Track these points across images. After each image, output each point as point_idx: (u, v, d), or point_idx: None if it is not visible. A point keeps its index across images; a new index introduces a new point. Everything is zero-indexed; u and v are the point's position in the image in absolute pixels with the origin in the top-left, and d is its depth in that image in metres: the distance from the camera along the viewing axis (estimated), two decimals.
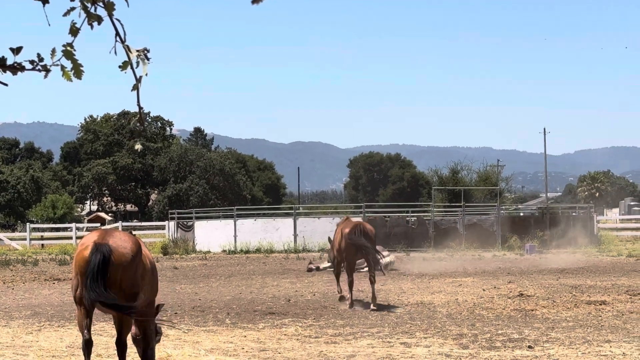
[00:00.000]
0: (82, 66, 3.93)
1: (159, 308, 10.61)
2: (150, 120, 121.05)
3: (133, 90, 3.92)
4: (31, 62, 3.89)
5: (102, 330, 14.77)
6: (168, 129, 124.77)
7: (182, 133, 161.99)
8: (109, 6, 3.83)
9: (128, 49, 3.88)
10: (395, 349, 12.74)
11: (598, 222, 51.28)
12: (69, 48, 3.88)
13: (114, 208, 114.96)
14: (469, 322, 15.70)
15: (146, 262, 9.78)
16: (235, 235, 46.04)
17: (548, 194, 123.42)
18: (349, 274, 19.11)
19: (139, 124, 4.11)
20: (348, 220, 19.92)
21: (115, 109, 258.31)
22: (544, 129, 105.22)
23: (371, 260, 19.01)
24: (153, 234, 56.26)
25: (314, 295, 21.57)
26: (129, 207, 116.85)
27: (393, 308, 18.30)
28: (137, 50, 3.89)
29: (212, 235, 46.98)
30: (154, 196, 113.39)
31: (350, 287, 18.89)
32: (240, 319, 16.84)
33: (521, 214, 58.17)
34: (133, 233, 10.17)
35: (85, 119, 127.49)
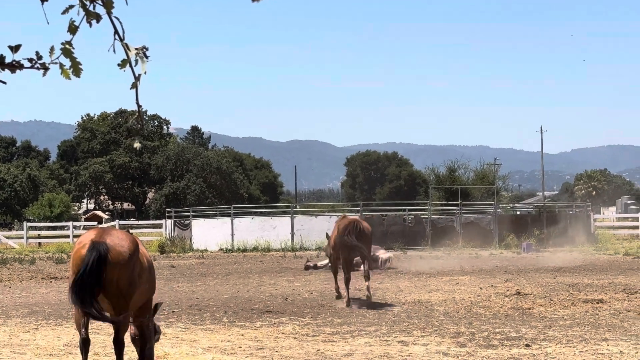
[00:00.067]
0: (81, 64, 3.92)
1: (157, 307, 10.59)
2: (147, 118, 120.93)
3: (132, 88, 3.91)
4: (30, 60, 3.88)
5: (100, 329, 14.75)
6: (165, 127, 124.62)
7: (179, 131, 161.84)
8: (108, 4, 3.82)
9: (127, 47, 3.87)
10: (393, 348, 12.75)
11: (595, 221, 51.34)
12: (67, 46, 3.87)
13: (111, 207, 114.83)
14: (467, 321, 15.70)
15: (143, 261, 9.77)
16: (232, 234, 46.03)
17: (545, 193, 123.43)
18: (345, 272, 19.16)
19: (137, 122, 4.10)
20: (345, 218, 20.06)
21: (112, 108, 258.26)
22: (541, 127, 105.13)
23: (366, 258, 19.43)
24: (150, 233, 56.20)
25: (312, 293, 21.57)
26: (126, 206, 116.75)
27: (390, 306, 18.31)
28: (136, 49, 3.88)
29: (210, 233, 46.97)
30: (151, 195, 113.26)
31: (347, 285, 18.91)
32: (238, 317, 16.83)
33: (518, 213, 58.19)
34: (130, 231, 10.15)
35: (82, 118, 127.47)
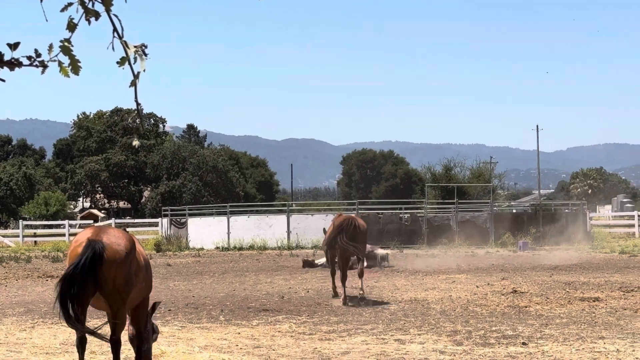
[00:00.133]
0: (80, 62, 3.91)
1: (155, 306, 10.57)
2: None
3: (131, 86, 3.89)
4: (29, 58, 3.86)
5: (96, 327, 14.73)
6: (161, 125, 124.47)
7: (175, 130, 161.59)
8: (107, 2, 3.80)
9: (126, 45, 3.85)
10: (390, 346, 12.75)
11: (591, 219, 51.37)
12: (66, 44, 3.85)
13: (107, 205, 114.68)
14: (463, 319, 15.71)
15: (140, 259, 9.74)
16: (228, 232, 46.00)
17: (541, 191, 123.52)
18: (341, 269, 19.21)
19: (137, 120, 4.09)
20: (341, 216, 20.14)
21: (108, 106, 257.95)
22: (537, 125, 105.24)
23: (360, 256, 19.79)
24: (146, 231, 56.14)
25: (308, 292, 21.56)
26: (122, 204, 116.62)
27: (387, 305, 18.31)
28: (135, 46, 3.86)
29: (206, 232, 46.93)
30: (146, 193, 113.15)
31: (343, 283, 18.95)
32: (234, 315, 16.82)
33: (514, 211, 58.24)
34: (127, 230, 10.10)
35: (78, 116, 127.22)
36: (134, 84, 3.92)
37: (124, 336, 9.88)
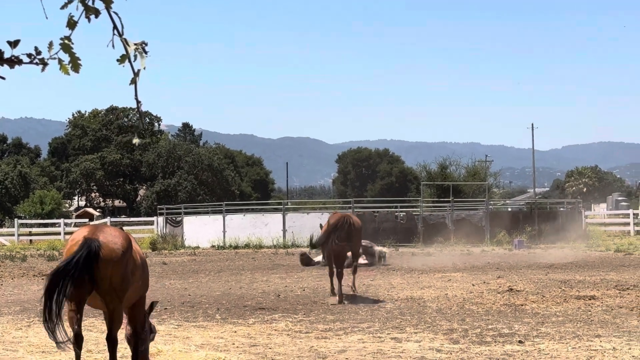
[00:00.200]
0: (80, 60, 3.89)
1: (152, 306, 10.55)
2: (138, 115, 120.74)
3: (131, 84, 3.88)
4: (29, 56, 3.85)
5: (92, 326, 14.73)
6: (156, 124, 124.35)
7: (171, 128, 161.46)
8: None
9: (126, 43, 3.84)
10: (386, 344, 12.74)
11: (586, 217, 51.41)
12: (66, 41, 3.84)
13: (102, 204, 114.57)
14: (459, 317, 15.71)
15: (137, 258, 9.72)
16: (224, 231, 45.97)
17: (536, 189, 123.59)
18: (337, 267, 19.23)
19: (138, 118, 4.08)
20: (336, 214, 20.23)
21: (103, 105, 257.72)
22: (532, 124, 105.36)
23: (355, 253, 20.14)
24: (141, 230, 56.08)
25: (304, 290, 21.55)
26: (117, 203, 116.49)
27: (383, 303, 18.31)
28: (135, 44, 3.85)
29: (201, 230, 46.90)
30: (142, 192, 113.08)
31: (339, 280, 18.95)
32: (230, 314, 16.81)
33: (509, 209, 58.27)
34: (123, 228, 10.10)
35: (73, 115, 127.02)
36: (134, 81, 3.91)
37: (120, 335, 9.87)
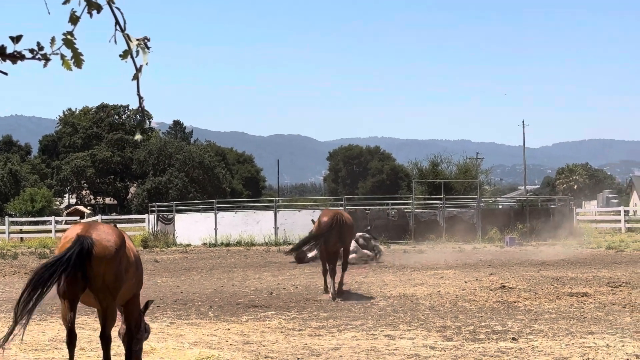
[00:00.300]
0: (82, 55, 3.87)
1: (147, 304, 10.51)
2: (129, 113, 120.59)
3: (133, 79, 3.85)
4: (31, 51, 3.83)
5: (85, 324, 14.68)
6: (147, 122, 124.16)
7: (161, 126, 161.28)
8: None
9: (128, 38, 3.82)
10: (380, 342, 12.74)
11: (577, 215, 51.51)
12: (69, 37, 3.82)
13: (93, 201, 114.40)
14: (452, 315, 15.72)
15: (130, 256, 9.67)
16: (215, 228, 45.93)
17: (527, 187, 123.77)
18: (329, 263, 19.23)
19: (140, 114, 4.06)
20: (328, 211, 20.25)
21: (94, 102, 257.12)
22: (523, 121, 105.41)
23: (347, 250, 20.18)
24: (133, 227, 55.96)
25: (297, 287, 21.53)
26: (108, 201, 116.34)
27: (376, 300, 18.29)
28: (138, 39, 3.83)
29: (193, 228, 46.86)
30: (133, 189, 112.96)
31: (332, 277, 18.95)
32: (223, 312, 16.78)
33: (500, 207, 58.35)
34: (117, 226, 10.03)
35: (63, 112, 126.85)
36: (136, 77, 3.89)
37: (114, 332, 9.83)
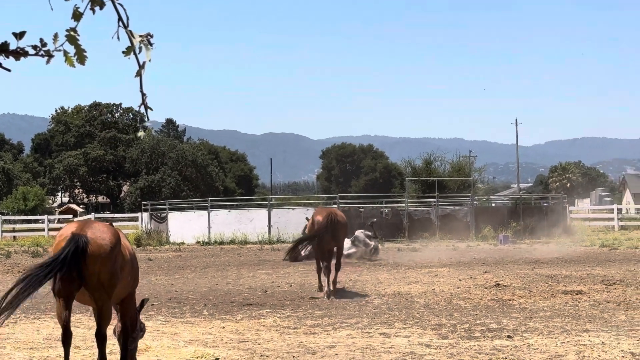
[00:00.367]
0: (86, 51, 3.85)
1: (143, 303, 10.49)
2: (121, 111, 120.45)
3: (136, 76, 3.83)
4: (34, 48, 3.80)
5: (79, 322, 14.64)
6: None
7: (154, 124, 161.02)
8: None
9: (131, 34, 3.80)
10: (375, 340, 12.72)
11: (570, 213, 51.59)
12: (72, 33, 3.80)
13: (86, 200, 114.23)
14: (447, 312, 15.71)
15: (125, 254, 9.64)
16: (209, 227, 45.87)
17: (520, 185, 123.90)
18: (323, 261, 19.21)
19: (143, 111, 4.03)
20: (321, 209, 20.24)
21: (86, 101, 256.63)
22: (516, 119, 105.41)
23: (340, 248, 20.11)
24: (126, 226, 55.89)
25: (291, 286, 21.52)
26: (101, 199, 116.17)
27: (370, 298, 18.28)
28: (141, 36, 3.81)
29: (186, 226, 46.80)
30: (125, 188, 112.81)
31: (326, 275, 18.94)
32: (218, 310, 16.76)
33: (493, 205, 58.39)
34: (112, 224, 9.99)
35: (56, 111, 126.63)
36: (139, 74, 3.87)
37: (109, 331, 9.80)
